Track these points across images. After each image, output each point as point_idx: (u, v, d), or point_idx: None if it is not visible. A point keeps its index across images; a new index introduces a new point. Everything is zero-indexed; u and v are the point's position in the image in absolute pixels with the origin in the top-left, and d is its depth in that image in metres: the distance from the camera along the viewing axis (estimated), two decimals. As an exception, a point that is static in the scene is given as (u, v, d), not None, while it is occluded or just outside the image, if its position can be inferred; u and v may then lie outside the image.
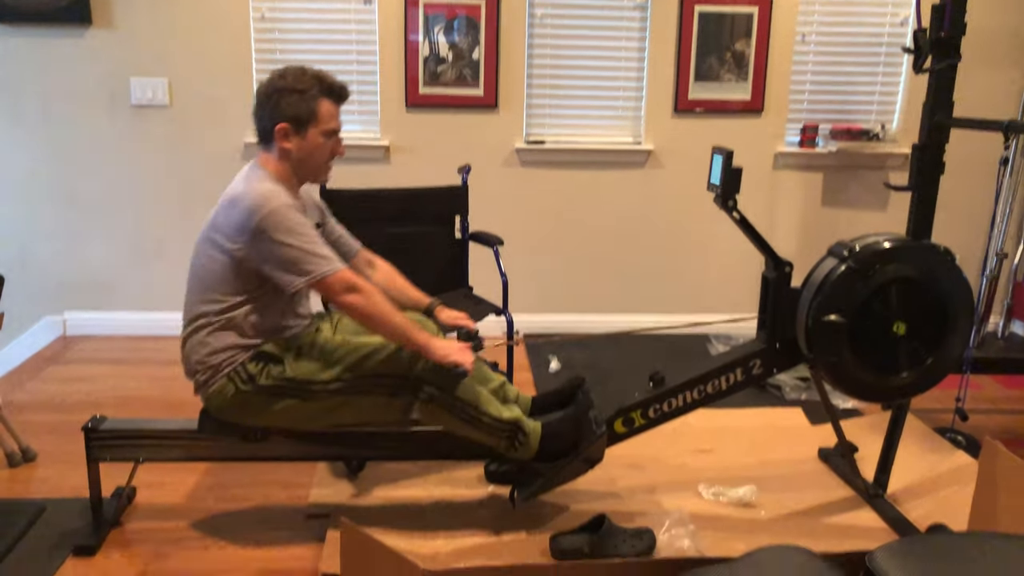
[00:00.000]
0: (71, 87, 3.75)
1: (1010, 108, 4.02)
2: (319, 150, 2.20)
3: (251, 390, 2.14)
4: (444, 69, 3.81)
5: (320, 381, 2.15)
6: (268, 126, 2.16)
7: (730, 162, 2.27)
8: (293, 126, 2.15)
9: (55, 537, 2.31)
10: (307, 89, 2.15)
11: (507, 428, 2.24)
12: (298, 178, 2.24)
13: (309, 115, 2.16)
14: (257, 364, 2.15)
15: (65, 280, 3.96)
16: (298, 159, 2.19)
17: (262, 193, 2.06)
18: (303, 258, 2.06)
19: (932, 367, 2.29)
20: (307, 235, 2.09)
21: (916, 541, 1.57)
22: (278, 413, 2.17)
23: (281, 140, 2.16)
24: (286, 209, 2.06)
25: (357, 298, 2.09)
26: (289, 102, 2.14)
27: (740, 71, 3.92)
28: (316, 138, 2.18)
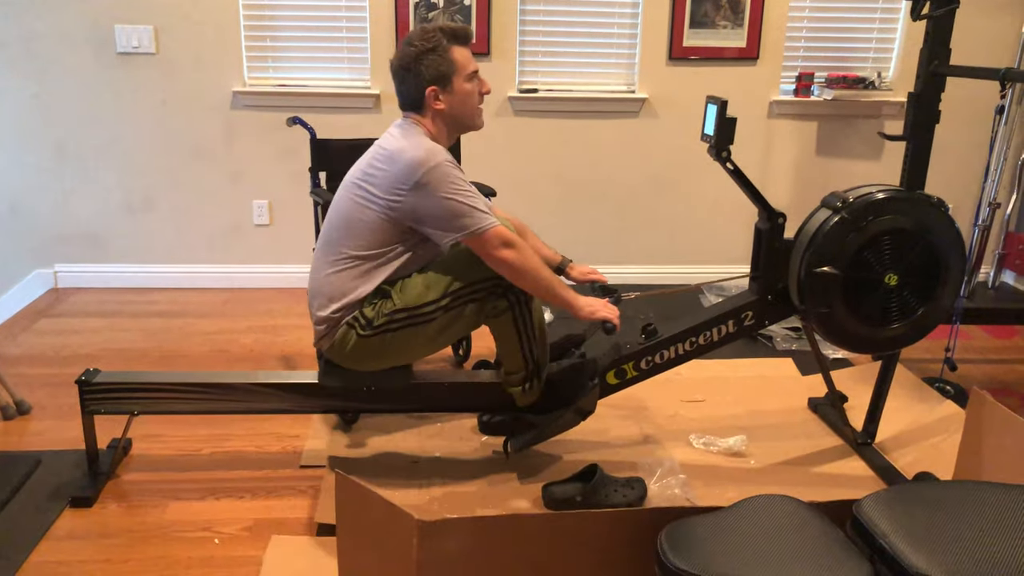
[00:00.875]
0: (55, 35, 3.66)
1: (1006, 56, 3.97)
2: (469, 96, 2.23)
3: (370, 333, 2.18)
4: (435, 15, 3.74)
5: (430, 302, 2.18)
6: (418, 95, 2.19)
7: (724, 112, 2.24)
8: (440, 85, 2.19)
9: (51, 489, 2.33)
10: (438, 44, 2.17)
11: (534, 366, 2.29)
12: (455, 132, 2.29)
13: (449, 67, 2.18)
14: (372, 307, 2.19)
15: (55, 233, 3.93)
16: (452, 114, 2.23)
17: (428, 148, 2.11)
18: (464, 211, 2.11)
19: (923, 318, 2.30)
20: (469, 190, 2.13)
21: (903, 490, 1.59)
22: (398, 348, 2.21)
23: (433, 103, 2.20)
24: (448, 165, 2.11)
25: (511, 253, 2.13)
26: (428, 64, 2.17)
27: (736, 18, 3.86)
28: (463, 86, 2.21)
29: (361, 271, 2.19)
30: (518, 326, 2.24)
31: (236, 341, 3.40)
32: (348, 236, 2.20)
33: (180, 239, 3.98)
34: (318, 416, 2.75)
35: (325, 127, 3.69)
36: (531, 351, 2.27)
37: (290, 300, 3.88)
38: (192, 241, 3.98)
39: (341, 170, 3.02)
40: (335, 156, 3.02)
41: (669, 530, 1.52)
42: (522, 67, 3.90)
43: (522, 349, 2.26)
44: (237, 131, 3.85)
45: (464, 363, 3.19)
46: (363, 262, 2.19)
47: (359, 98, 3.84)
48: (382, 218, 2.15)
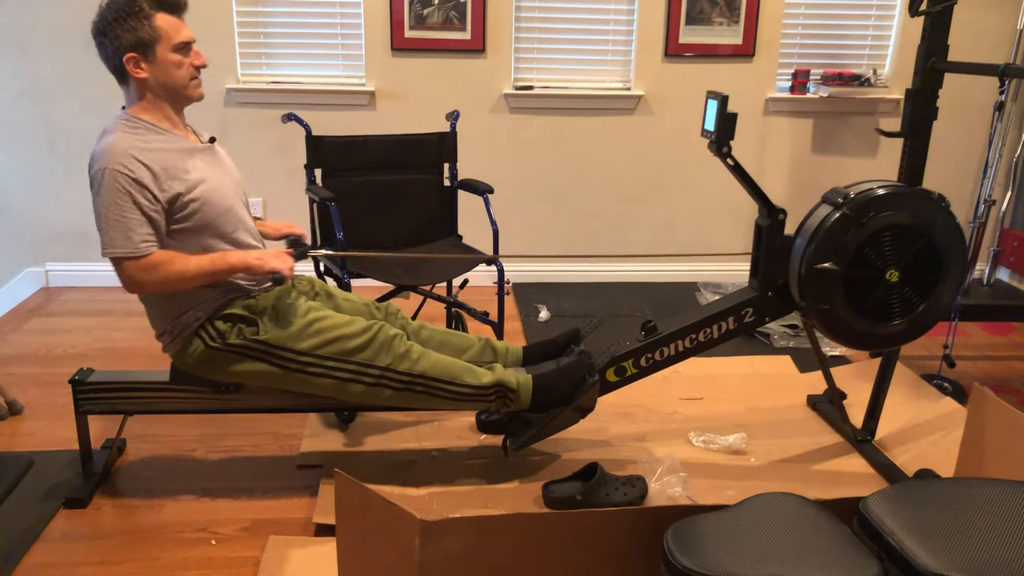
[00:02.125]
0: (47, 32, 3.62)
1: (1002, 51, 3.98)
2: (177, 68, 2.05)
3: (220, 347, 2.11)
4: (430, 12, 3.71)
5: (292, 350, 2.11)
6: (117, 62, 2.02)
7: (725, 107, 2.23)
8: (140, 52, 2.00)
9: (45, 490, 2.30)
10: (139, 9, 1.99)
11: (492, 391, 2.22)
12: (170, 105, 2.10)
13: (150, 34, 2.00)
14: (226, 323, 2.12)
15: (46, 231, 3.89)
16: (158, 84, 2.05)
17: (103, 149, 1.99)
18: (105, 229, 1.99)
19: (923, 314, 2.29)
20: (123, 208, 1.97)
21: (909, 487, 1.58)
22: (244, 374, 2.14)
23: (134, 71, 2.02)
24: (116, 174, 1.96)
25: (147, 277, 2.01)
26: (125, 29, 1.98)
27: (731, 14, 3.85)
28: (168, 56, 2.03)
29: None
30: (435, 395, 2.18)
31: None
32: None
33: (173, 237, 3.94)
34: (315, 415, 2.72)
35: (319, 124, 3.66)
36: (472, 395, 2.20)
37: (284, 299, 3.84)
38: (185, 239, 3.95)
39: (337, 167, 3.02)
40: (330, 153, 2.99)
41: (675, 529, 1.51)
42: (517, 64, 3.88)
43: (464, 402, 2.21)
44: (231, 128, 3.82)
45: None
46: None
47: (354, 95, 3.81)
48: None
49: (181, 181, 2.05)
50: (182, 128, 2.16)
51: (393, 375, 2.15)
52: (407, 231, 3.14)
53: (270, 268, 2.07)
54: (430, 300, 3.13)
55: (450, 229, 3.23)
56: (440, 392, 2.19)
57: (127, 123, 2.06)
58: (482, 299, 3.56)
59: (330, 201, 2.78)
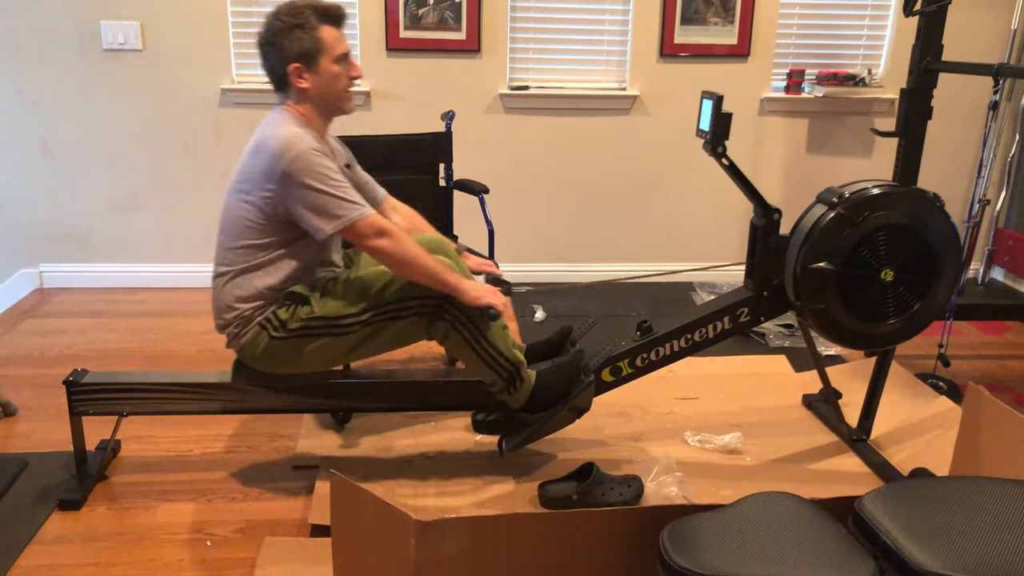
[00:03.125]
0: (40, 32, 3.62)
1: (996, 51, 3.99)
2: (337, 79, 2.15)
3: (284, 335, 2.13)
4: (425, 12, 3.71)
5: (350, 315, 2.12)
6: (280, 71, 2.12)
7: (720, 107, 2.23)
8: (304, 63, 2.10)
9: (39, 492, 2.29)
10: (305, 21, 2.09)
11: (510, 369, 2.24)
12: (323, 116, 2.20)
13: (315, 46, 2.10)
14: (287, 309, 2.13)
15: (40, 232, 3.88)
16: (318, 94, 2.15)
17: (287, 137, 2.03)
18: (332, 203, 2.04)
19: (918, 314, 2.29)
20: (334, 179, 2.05)
21: (904, 486, 1.58)
22: (312, 355, 2.15)
23: (296, 81, 2.12)
24: (311, 153, 2.03)
25: (387, 242, 2.06)
26: (292, 39, 2.09)
27: (727, 15, 3.85)
28: (330, 68, 2.13)
29: (250, 270, 2.13)
30: (470, 343, 2.18)
31: (224, 341, 3.36)
32: (233, 236, 2.14)
33: (167, 238, 3.94)
34: (310, 416, 2.72)
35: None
36: (497, 361, 2.22)
37: (280, 299, 3.84)
38: (180, 240, 3.94)
39: (332, 167, 3.00)
40: (325, 153, 2.99)
41: (671, 529, 1.51)
42: (513, 64, 3.88)
43: (486, 363, 2.21)
44: (225, 128, 3.81)
45: (456, 362, 3.16)
46: (250, 260, 2.13)
47: (349, 95, 3.80)
48: (261, 214, 2.09)
49: None
50: (328, 144, 2.22)
51: (449, 306, 2.15)
52: (402, 231, 3.13)
53: (487, 302, 2.14)
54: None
55: (446, 229, 3.22)
56: (477, 345, 2.19)
57: (293, 120, 2.12)
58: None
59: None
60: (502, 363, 2.23)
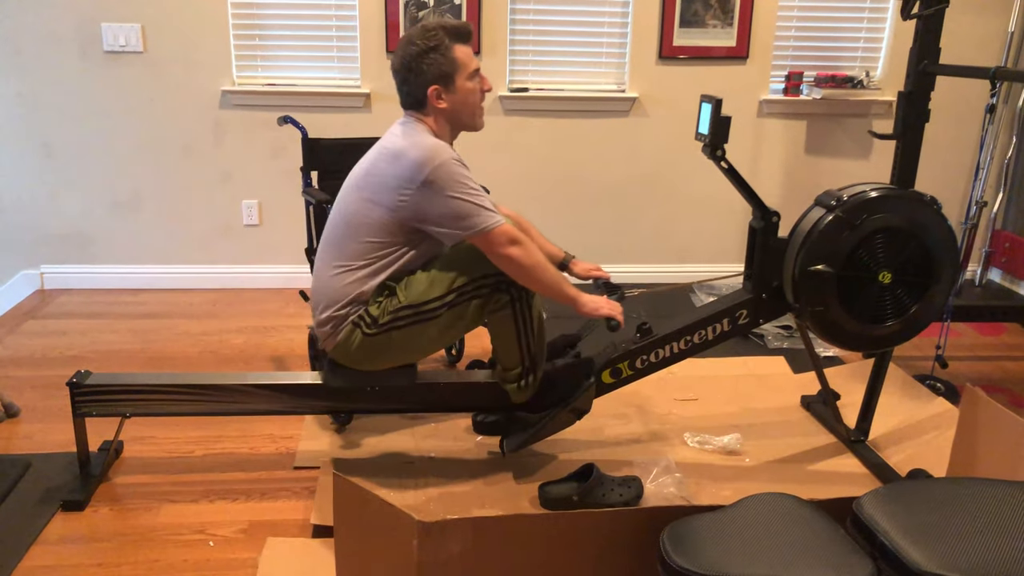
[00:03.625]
0: (41, 34, 3.63)
1: (994, 54, 4.00)
2: (471, 95, 2.22)
3: (375, 332, 2.17)
4: (425, 14, 3.72)
5: (434, 298, 2.16)
6: (421, 93, 2.18)
7: (719, 110, 2.25)
8: (443, 84, 2.17)
9: (42, 493, 2.31)
10: (440, 43, 2.15)
11: (530, 363, 2.28)
12: (455, 131, 2.27)
13: (451, 67, 2.17)
14: (377, 305, 2.17)
15: (41, 233, 3.89)
16: (455, 112, 2.21)
17: (432, 147, 2.10)
18: (471, 211, 2.10)
19: (916, 315, 2.31)
20: (475, 189, 2.12)
21: (902, 487, 1.60)
22: (402, 346, 2.20)
23: (436, 102, 2.18)
24: (454, 163, 2.10)
25: (518, 251, 2.12)
26: (430, 62, 2.15)
27: (725, 17, 3.87)
28: (465, 84, 2.20)
29: (365, 272, 2.18)
30: (517, 322, 2.23)
31: (226, 342, 3.38)
32: (352, 237, 2.18)
33: (168, 240, 3.95)
34: (312, 417, 2.73)
35: (315, 126, 3.67)
36: (528, 347, 2.26)
37: (280, 301, 3.85)
38: (181, 242, 3.95)
39: (333, 169, 3.02)
40: (326, 155, 3.00)
41: (671, 529, 1.52)
42: (512, 66, 3.90)
43: (520, 345, 2.25)
44: (226, 130, 3.82)
45: (457, 363, 3.18)
46: (367, 263, 2.17)
47: (349, 97, 3.82)
48: (387, 218, 2.14)
49: None
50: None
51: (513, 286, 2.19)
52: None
53: (606, 313, 2.24)
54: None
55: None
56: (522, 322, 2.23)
57: (425, 131, 2.19)
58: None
59: (326, 203, 2.79)
60: (531, 352, 2.27)
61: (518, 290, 2.20)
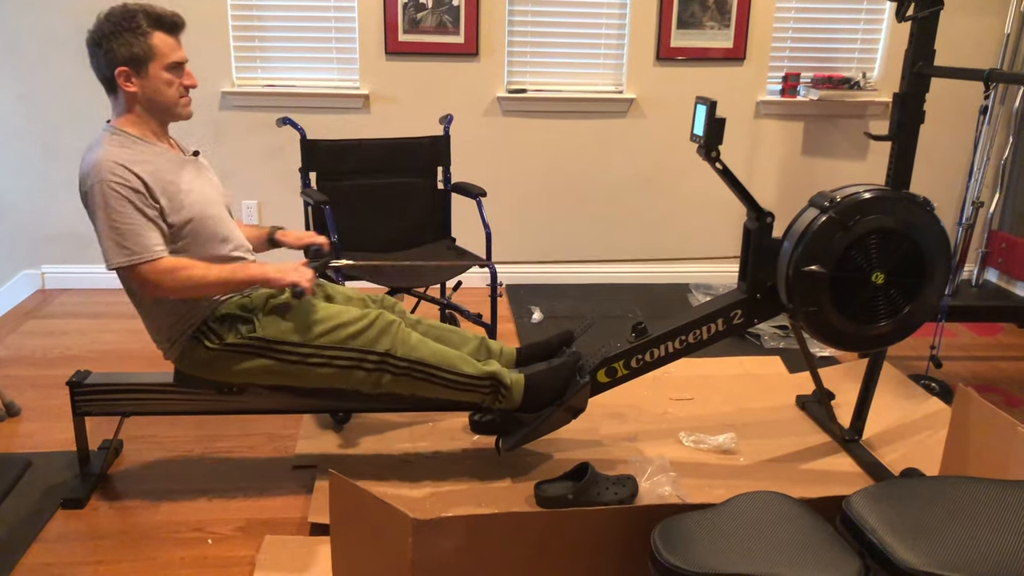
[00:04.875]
0: (41, 36, 3.64)
1: (989, 56, 4.02)
2: (168, 86, 2.08)
3: (219, 348, 2.13)
4: (424, 16, 3.74)
5: (291, 343, 2.13)
6: (108, 74, 2.05)
7: (713, 112, 2.26)
8: (132, 67, 2.03)
9: (43, 491, 2.32)
10: (137, 26, 2.02)
11: (487, 383, 2.26)
12: (156, 120, 2.13)
13: (145, 52, 2.03)
14: (222, 324, 2.14)
15: (42, 233, 3.91)
16: (147, 100, 2.08)
17: (91, 163, 2.01)
18: (113, 242, 1.99)
19: (909, 316, 2.33)
20: (124, 219, 1.99)
21: (891, 485, 1.61)
22: (246, 372, 2.16)
23: (124, 85, 2.05)
24: (108, 184, 1.98)
25: (167, 280, 2.03)
26: (121, 43, 2.01)
27: (723, 18, 3.89)
28: (160, 74, 2.06)
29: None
30: (431, 381, 2.20)
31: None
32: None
33: (168, 240, 3.96)
34: (309, 416, 2.75)
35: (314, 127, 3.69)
36: (469, 384, 2.23)
37: (279, 300, 3.87)
38: (180, 242, 3.96)
39: (331, 170, 3.05)
40: (325, 156, 3.02)
41: (662, 527, 1.54)
42: (511, 67, 3.92)
43: (460, 390, 2.24)
44: (225, 131, 3.84)
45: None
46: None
47: (348, 98, 3.83)
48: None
49: (171, 196, 2.07)
50: (166, 141, 2.18)
51: (392, 360, 2.17)
52: (401, 234, 3.17)
53: (290, 281, 2.09)
54: (424, 302, 3.15)
55: (444, 232, 3.26)
56: (438, 379, 2.21)
57: (114, 136, 2.08)
58: (475, 300, 3.59)
59: (324, 204, 2.81)
60: (475, 383, 2.24)
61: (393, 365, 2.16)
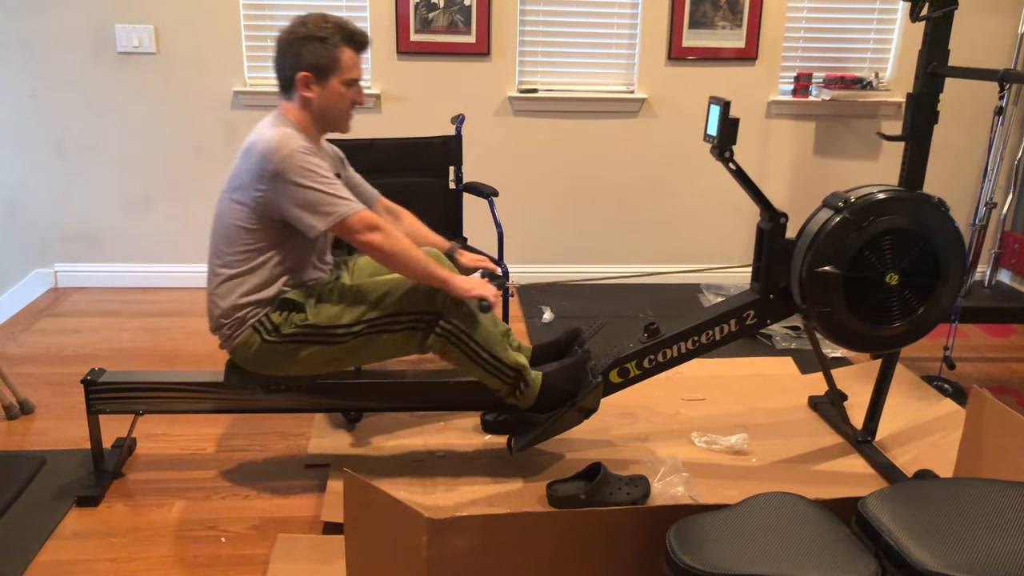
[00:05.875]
0: (55, 34, 3.66)
1: (1003, 56, 4.00)
2: (341, 99, 2.19)
3: (276, 340, 2.15)
4: (436, 15, 3.75)
5: (343, 325, 2.15)
6: (289, 75, 2.15)
7: (727, 112, 2.26)
8: (315, 75, 2.14)
9: (57, 488, 2.34)
10: (329, 37, 2.13)
11: (513, 373, 2.26)
12: (319, 127, 2.23)
13: (331, 63, 2.14)
14: (280, 313, 2.16)
15: (55, 232, 3.93)
16: (319, 108, 2.18)
17: (276, 137, 2.06)
18: (323, 199, 2.06)
19: (923, 317, 2.32)
20: (325, 177, 2.08)
21: (907, 487, 1.61)
22: (303, 361, 2.18)
23: (302, 89, 2.15)
24: (301, 152, 2.06)
25: (377, 236, 2.09)
26: (310, 50, 2.12)
27: (734, 18, 3.88)
28: (337, 87, 2.17)
29: (245, 275, 2.15)
30: (468, 354, 2.21)
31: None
32: (225, 240, 2.16)
33: (180, 238, 3.98)
34: (321, 415, 2.76)
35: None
36: (498, 368, 2.24)
37: (290, 299, 3.88)
38: (193, 240, 3.98)
39: (344, 170, 3.04)
40: (337, 156, 3.02)
41: (677, 528, 1.54)
42: (522, 67, 3.92)
43: (487, 371, 2.24)
44: (238, 131, 3.85)
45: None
46: (244, 265, 2.15)
47: (359, 98, 3.84)
48: (251, 216, 2.12)
49: None
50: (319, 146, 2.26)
51: (444, 322, 2.18)
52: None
53: (478, 294, 2.17)
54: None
55: (455, 232, 3.26)
56: (472, 352, 2.21)
57: (287, 123, 2.16)
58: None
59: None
60: (503, 369, 2.25)
61: (445, 328, 2.17)
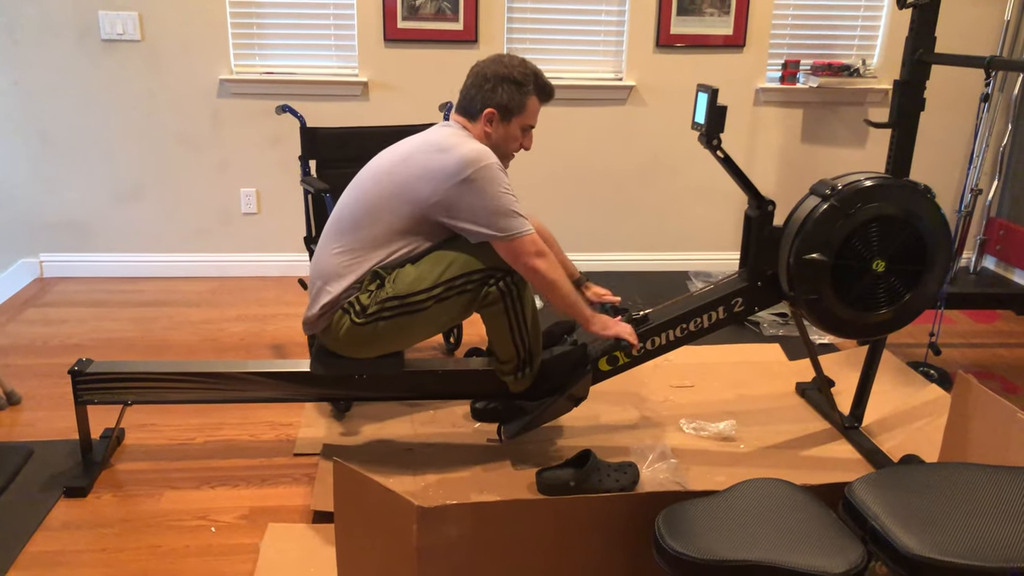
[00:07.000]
0: (38, 21, 3.62)
1: (989, 43, 4.02)
2: (514, 141, 2.30)
3: (363, 322, 2.18)
4: (423, 2, 3.72)
5: (421, 291, 2.17)
6: (479, 107, 2.25)
7: (715, 100, 2.26)
8: (501, 114, 2.24)
9: (45, 479, 2.33)
10: (524, 83, 2.24)
11: (526, 355, 2.30)
12: None
13: (518, 107, 2.25)
14: (368, 294, 2.19)
15: (40, 222, 3.90)
16: (495, 144, 2.26)
17: (482, 149, 2.16)
18: (508, 214, 2.15)
19: (909, 303, 2.33)
20: (513, 196, 2.18)
21: (893, 472, 1.62)
22: (388, 336, 2.21)
23: (485, 124, 2.25)
24: (499, 169, 2.16)
25: (543, 263, 2.18)
26: (505, 90, 2.22)
27: (722, 5, 3.87)
28: (516, 130, 2.28)
29: (375, 257, 2.20)
30: (509, 316, 2.24)
31: (225, 330, 3.40)
32: (371, 223, 2.19)
33: (167, 228, 3.96)
34: (311, 404, 2.76)
35: (312, 115, 3.69)
36: (522, 340, 2.28)
37: (279, 289, 3.87)
38: (179, 230, 3.96)
39: (331, 158, 3.03)
40: (325, 144, 3.01)
41: (666, 514, 1.55)
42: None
43: (513, 338, 2.27)
44: (224, 119, 3.83)
45: (455, 351, 3.20)
46: (378, 250, 2.20)
47: (347, 85, 3.82)
48: (416, 209, 2.16)
49: None
50: None
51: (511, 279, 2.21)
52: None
53: (615, 333, 2.30)
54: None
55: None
56: (514, 316, 2.25)
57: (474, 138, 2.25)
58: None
59: (325, 192, 2.81)
60: (526, 345, 2.29)
61: (507, 285, 2.21)
